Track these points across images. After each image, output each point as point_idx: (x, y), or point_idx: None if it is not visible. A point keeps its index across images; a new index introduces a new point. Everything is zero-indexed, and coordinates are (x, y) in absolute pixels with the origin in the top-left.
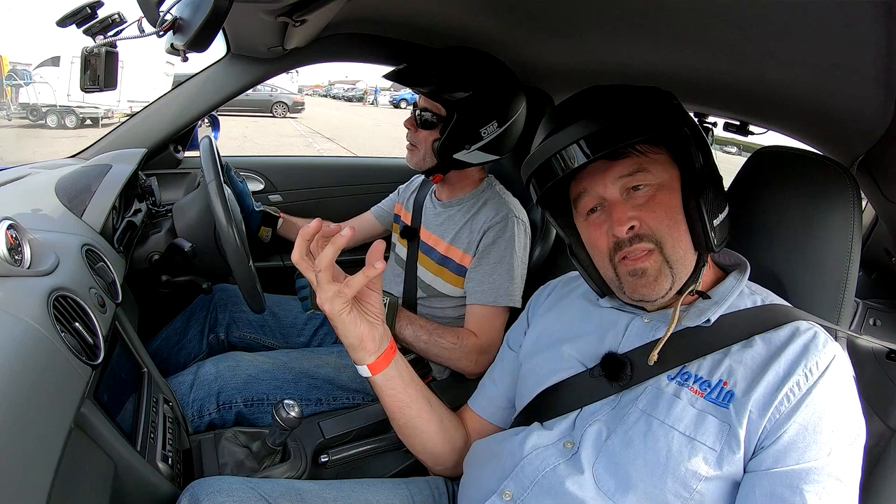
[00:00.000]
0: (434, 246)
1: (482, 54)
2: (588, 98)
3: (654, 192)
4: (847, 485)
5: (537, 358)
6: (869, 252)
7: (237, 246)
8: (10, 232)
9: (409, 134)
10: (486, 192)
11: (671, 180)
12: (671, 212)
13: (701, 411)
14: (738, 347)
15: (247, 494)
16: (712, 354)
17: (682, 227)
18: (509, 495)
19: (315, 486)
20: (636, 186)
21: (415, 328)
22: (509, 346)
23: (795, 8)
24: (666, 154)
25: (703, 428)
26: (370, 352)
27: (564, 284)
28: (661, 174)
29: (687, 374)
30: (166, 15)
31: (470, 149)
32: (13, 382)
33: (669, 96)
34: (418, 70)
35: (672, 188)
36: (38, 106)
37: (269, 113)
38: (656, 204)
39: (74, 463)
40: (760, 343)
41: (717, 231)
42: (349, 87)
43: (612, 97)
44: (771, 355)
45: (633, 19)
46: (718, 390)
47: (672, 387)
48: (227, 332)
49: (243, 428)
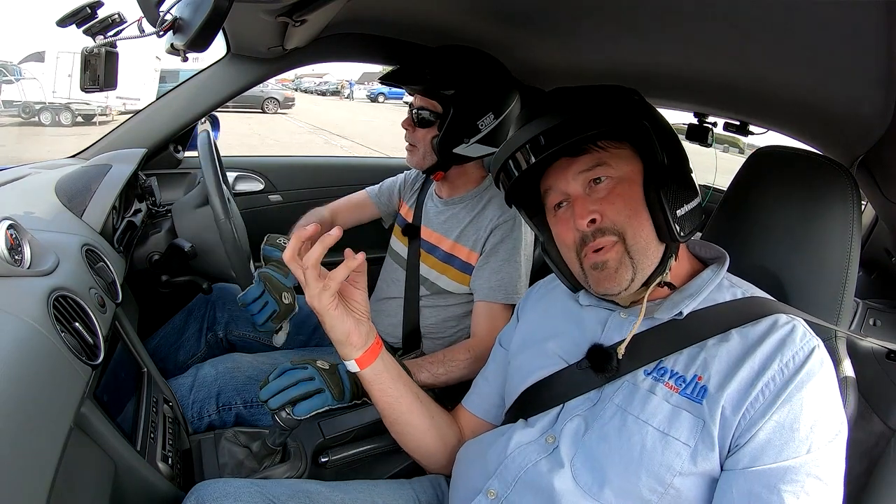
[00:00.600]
0: (437, 244)
1: (473, 51)
2: (551, 97)
3: (614, 185)
4: (828, 484)
5: (523, 355)
6: (869, 252)
7: (234, 237)
8: (10, 232)
9: (408, 134)
10: (489, 189)
11: (633, 173)
12: (631, 203)
13: (675, 407)
14: (715, 341)
15: (254, 498)
16: (689, 349)
17: (642, 217)
18: (494, 493)
19: (322, 487)
20: (597, 179)
21: (427, 366)
22: (501, 343)
23: (795, 8)
24: (629, 148)
25: (678, 424)
26: (357, 346)
27: (549, 282)
28: (622, 167)
29: (663, 369)
30: (166, 15)
31: (469, 142)
32: (13, 382)
33: (631, 92)
34: (412, 70)
35: (633, 181)
36: (30, 103)
37: (260, 109)
38: (616, 196)
39: (74, 463)
40: (737, 337)
41: (682, 221)
42: (320, 82)
43: (573, 95)
44: (747, 349)
45: (633, 19)
46: (693, 385)
47: (648, 382)
48: (227, 330)
49: (243, 428)
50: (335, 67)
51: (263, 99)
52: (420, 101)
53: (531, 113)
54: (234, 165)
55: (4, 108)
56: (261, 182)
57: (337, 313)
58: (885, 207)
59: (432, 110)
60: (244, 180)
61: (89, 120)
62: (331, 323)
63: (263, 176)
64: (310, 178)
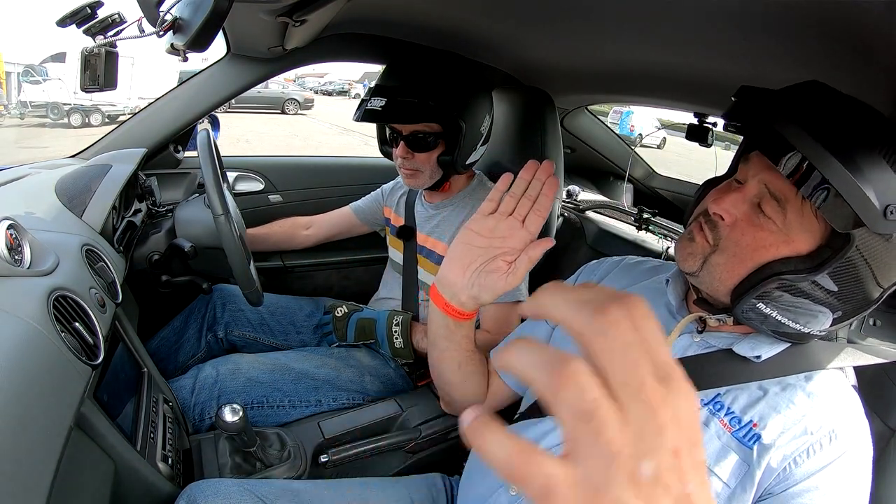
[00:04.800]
0: (433, 248)
1: (451, 56)
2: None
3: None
4: None
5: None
6: None
7: (233, 237)
8: (10, 232)
9: (406, 162)
10: (477, 189)
11: (800, 243)
12: (756, 255)
13: (725, 445)
14: (777, 389)
15: (243, 497)
16: (749, 391)
17: (747, 268)
18: (516, 489)
19: (311, 486)
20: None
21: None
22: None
23: (795, 8)
24: (815, 221)
25: (724, 462)
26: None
27: (626, 269)
28: (793, 231)
29: (720, 403)
30: (166, 15)
31: (478, 148)
32: (13, 382)
33: None
34: (402, 104)
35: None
36: (58, 104)
37: (280, 111)
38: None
39: (74, 463)
40: (801, 393)
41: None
42: (324, 82)
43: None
44: (807, 409)
45: (634, 19)
46: (747, 430)
47: (703, 414)
48: (227, 331)
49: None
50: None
51: (284, 100)
52: (414, 127)
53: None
54: (234, 165)
55: (32, 109)
56: (261, 182)
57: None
58: None
59: (431, 132)
60: (244, 180)
61: (114, 120)
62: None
63: (263, 176)
64: (310, 178)
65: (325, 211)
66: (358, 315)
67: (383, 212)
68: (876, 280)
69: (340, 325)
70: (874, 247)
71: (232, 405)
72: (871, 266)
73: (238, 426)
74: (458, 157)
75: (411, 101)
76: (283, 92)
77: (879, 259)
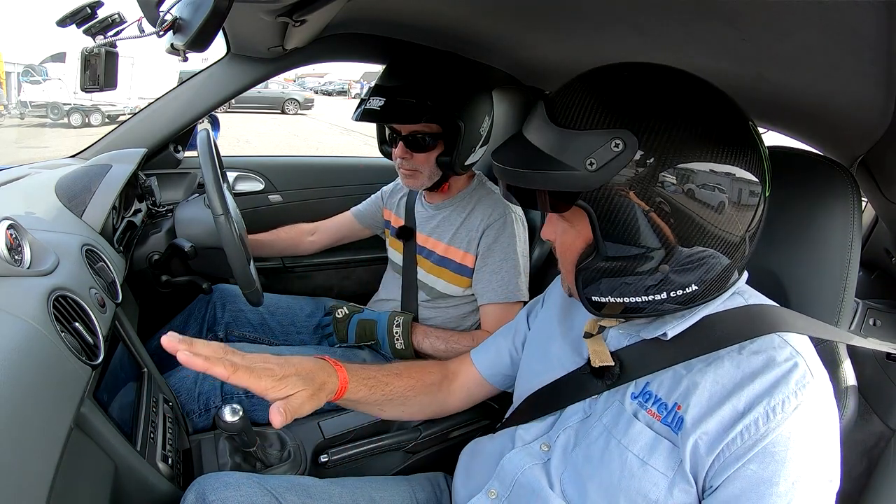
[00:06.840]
0: (433, 249)
1: (452, 57)
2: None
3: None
4: None
5: (532, 356)
6: (869, 252)
7: (233, 237)
8: (10, 232)
9: (405, 162)
10: (477, 189)
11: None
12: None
13: (657, 435)
14: (702, 365)
15: (253, 489)
16: (673, 373)
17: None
18: (495, 493)
19: (320, 482)
20: None
21: (431, 340)
22: (528, 319)
23: (795, 8)
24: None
25: (657, 453)
26: (327, 391)
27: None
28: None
29: (648, 393)
30: (166, 15)
31: (477, 149)
32: (13, 382)
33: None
34: (401, 104)
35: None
36: (58, 104)
37: (280, 110)
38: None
39: (74, 463)
40: (729, 366)
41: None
42: (324, 82)
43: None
44: (735, 385)
45: (633, 19)
46: (672, 414)
47: (633, 406)
48: (227, 331)
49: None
50: (336, 67)
51: (284, 100)
52: (413, 128)
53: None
54: (234, 165)
55: (32, 109)
56: (261, 182)
57: (296, 398)
58: (885, 207)
59: (430, 132)
60: (244, 180)
61: (114, 120)
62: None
63: (263, 176)
64: (310, 178)
65: (325, 211)
66: (359, 316)
67: (383, 214)
68: (649, 221)
69: (341, 327)
70: (615, 199)
71: (232, 405)
72: (627, 214)
73: (238, 426)
74: (457, 158)
75: (410, 102)
76: (283, 92)
77: (627, 207)
